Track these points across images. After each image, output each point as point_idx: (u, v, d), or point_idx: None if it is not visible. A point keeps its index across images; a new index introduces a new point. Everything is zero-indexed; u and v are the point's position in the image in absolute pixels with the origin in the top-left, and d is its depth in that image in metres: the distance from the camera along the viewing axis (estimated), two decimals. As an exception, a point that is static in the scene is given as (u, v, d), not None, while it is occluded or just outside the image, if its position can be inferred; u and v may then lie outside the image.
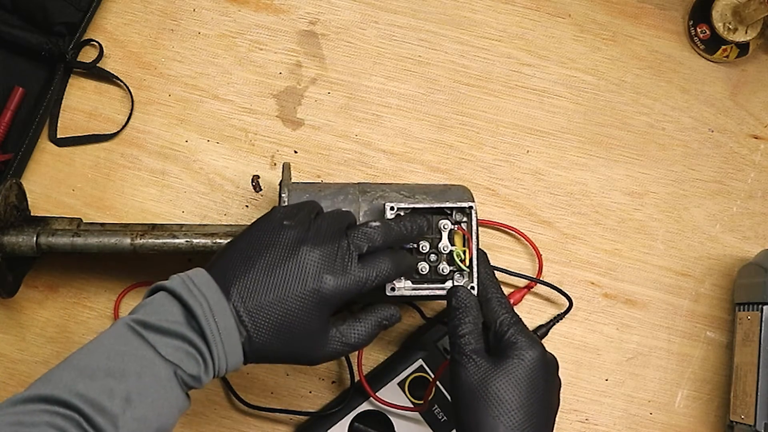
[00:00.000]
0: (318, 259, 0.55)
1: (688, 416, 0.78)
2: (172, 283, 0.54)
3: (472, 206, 0.63)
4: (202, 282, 0.54)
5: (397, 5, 0.82)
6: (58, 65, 0.77)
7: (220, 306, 0.53)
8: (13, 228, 0.69)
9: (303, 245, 0.55)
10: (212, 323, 0.52)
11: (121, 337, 0.53)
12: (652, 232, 0.80)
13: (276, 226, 0.57)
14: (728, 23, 0.81)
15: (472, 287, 0.63)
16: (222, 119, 0.80)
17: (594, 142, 0.81)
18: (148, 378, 0.51)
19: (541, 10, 0.83)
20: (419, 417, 0.73)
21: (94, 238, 0.68)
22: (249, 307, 0.54)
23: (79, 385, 0.50)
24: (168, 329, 0.52)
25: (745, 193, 0.82)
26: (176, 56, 0.80)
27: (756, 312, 0.73)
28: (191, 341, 0.52)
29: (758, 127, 0.83)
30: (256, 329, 0.54)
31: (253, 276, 0.54)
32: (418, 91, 0.81)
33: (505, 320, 0.60)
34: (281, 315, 0.54)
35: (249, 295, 0.54)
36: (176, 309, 0.53)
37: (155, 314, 0.53)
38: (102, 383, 0.50)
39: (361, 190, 0.66)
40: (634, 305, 0.79)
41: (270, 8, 0.81)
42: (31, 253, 0.68)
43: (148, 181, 0.78)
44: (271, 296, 0.54)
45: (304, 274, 0.55)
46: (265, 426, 0.76)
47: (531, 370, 0.57)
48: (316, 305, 0.55)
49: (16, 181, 0.71)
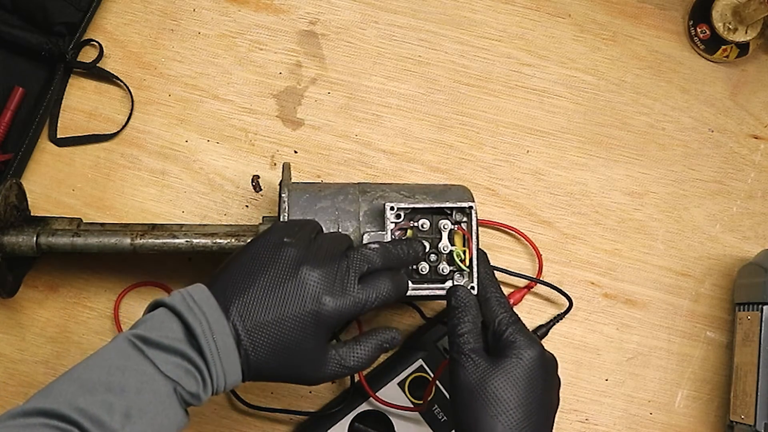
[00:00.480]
0: (318, 280, 0.55)
1: (688, 416, 0.78)
2: (172, 300, 0.54)
3: (472, 206, 0.63)
4: (202, 299, 0.54)
5: (397, 5, 0.82)
6: (58, 65, 0.77)
7: (220, 324, 0.53)
8: (13, 228, 0.69)
9: (303, 265, 0.55)
10: (211, 342, 0.52)
11: (121, 351, 0.53)
12: (652, 232, 0.80)
13: (277, 243, 0.57)
14: (728, 23, 0.81)
15: (472, 287, 0.63)
16: (222, 119, 0.80)
17: (594, 142, 0.81)
18: (148, 394, 0.51)
19: (541, 10, 0.83)
20: (419, 417, 0.73)
21: (94, 238, 0.68)
22: (248, 326, 0.53)
23: (79, 399, 0.50)
24: (168, 346, 0.52)
25: (745, 193, 0.82)
26: (176, 56, 0.80)
27: (756, 312, 0.73)
28: (190, 359, 0.52)
29: (758, 127, 0.83)
30: (255, 348, 0.54)
31: (252, 294, 0.54)
32: (418, 91, 0.81)
33: (503, 319, 0.60)
34: (279, 335, 0.54)
35: (248, 313, 0.54)
36: (176, 326, 0.53)
37: (155, 330, 0.53)
38: (102, 398, 0.50)
39: (361, 190, 0.66)
40: (634, 305, 0.79)
41: (270, 8, 0.81)
42: (31, 253, 0.68)
43: (148, 181, 0.78)
44: (270, 316, 0.54)
45: (304, 294, 0.55)
46: (265, 426, 0.76)
47: (529, 369, 0.57)
48: (315, 326, 0.55)
49: (16, 181, 0.71)
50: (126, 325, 0.76)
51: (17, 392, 0.75)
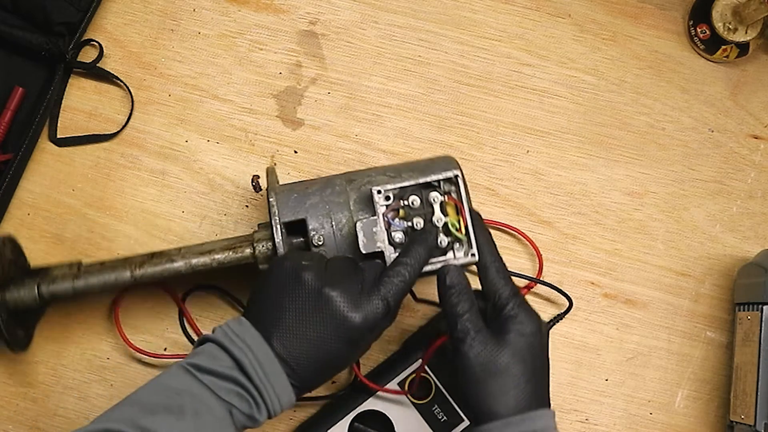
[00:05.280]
0: (340, 298, 0.58)
1: (688, 416, 0.78)
2: (216, 336, 0.58)
3: (457, 174, 0.63)
4: (243, 331, 0.57)
5: (397, 5, 0.82)
6: (58, 65, 0.77)
7: (263, 351, 0.56)
8: (13, 283, 0.68)
9: (324, 287, 0.58)
10: (259, 370, 0.56)
11: (177, 377, 0.56)
12: (652, 232, 0.80)
13: (297, 266, 0.59)
14: (728, 23, 0.81)
15: (473, 254, 0.63)
16: (222, 119, 0.80)
17: (594, 142, 0.81)
18: (206, 415, 0.54)
19: (541, 10, 0.83)
20: (419, 417, 0.73)
21: (95, 277, 0.68)
22: (292, 352, 0.57)
23: (141, 420, 0.53)
24: (220, 373, 0.56)
25: (745, 193, 0.82)
26: (176, 56, 0.80)
27: (756, 312, 0.73)
28: (242, 384, 0.56)
29: (758, 127, 0.83)
30: (302, 370, 0.57)
31: (286, 323, 0.58)
32: (418, 91, 0.81)
33: (504, 293, 0.61)
34: (320, 353, 0.58)
35: (288, 340, 0.57)
36: (225, 357, 0.56)
37: (207, 361, 0.56)
38: (162, 418, 0.53)
39: (348, 180, 0.66)
40: (634, 305, 0.79)
41: (270, 8, 0.81)
42: (35, 305, 0.68)
43: (148, 181, 0.78)
44: (307, 340, 0.58)
45: (332, 313, 0.58)
46: (264, 426, 0.75)
47: (533, 342, 0.60)
48: (348, 338, 0.58)
49: (9, 237, 0.70)
50: (125, 323, 0.75)
51: (17, 393, 0.75)
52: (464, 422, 0.72)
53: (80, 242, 0.77)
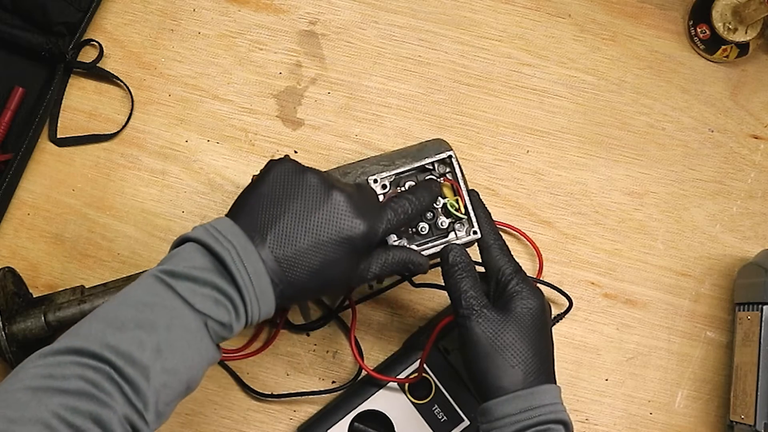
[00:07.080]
0: (347, 203, 0.57)
1: (688, 416, 0.78)
2: (196, 233, 0.54)
3: (451, 155, 0.64)
4: (227, 229, 0.54)
5: (397, 5, 0.82)
6: (58, 65, 0.77)
7: (248, 251, 0.53)
8: (19, 315, 0.68)
9: (333, 189, 0.57)
10: (242, 269, 0.53)
11: (149, 288, 0.53)
12: (652, 232, 0.80)
13: (298, 170, 0.57)
14: (728, 23, 0.81)
15: (475, 231, 0.64)
16: (222, 119, 0.80)
17: (594, 142, 0.81)
18: (178, 329, 0.51)
19: (541, 10, 0.83)
20: (419, 417, 0.73)
21: (100, 299, 0.68)
22: (287, 253, 0.55)
23: (109, 337, 0.50)
24: (197, 277, 0.52)
25: (745, 193, 0.82)
26: (176, 56, 0.80)
27: (756, 312, 0.73)
28: (220, 288, 0.52)
29: (758, 127, 0.83)
30: (292, 273, 0.55)
31: (287, 222, 0.55)
32: (418, 91, 0.81)
33: (507, 269, 0.62)
34: (317, 259, 0.55)
35: (286, 240, 0.55)
36: (204, 257, 0.53)
37: (183, 263, 0.53)
38: (132, 335, 0.50)
39: (343, 173, 0.67)
40: (634, 305, 0.79)
41: (270, 8, 0.81)
42: (44, 334, 0.68)
43: (148, 181, 0.78)
44: (307, 241, 0.55)
45: (338, 217, 0.56)
46: (265, 426, 0.76)
47: (537, 317, 0.60)
48: (350, 247, 0.56)
49: (8, 269, 0.70)
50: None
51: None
52: (464, 422, 0.72)
53: (80, 242, 0.77)
